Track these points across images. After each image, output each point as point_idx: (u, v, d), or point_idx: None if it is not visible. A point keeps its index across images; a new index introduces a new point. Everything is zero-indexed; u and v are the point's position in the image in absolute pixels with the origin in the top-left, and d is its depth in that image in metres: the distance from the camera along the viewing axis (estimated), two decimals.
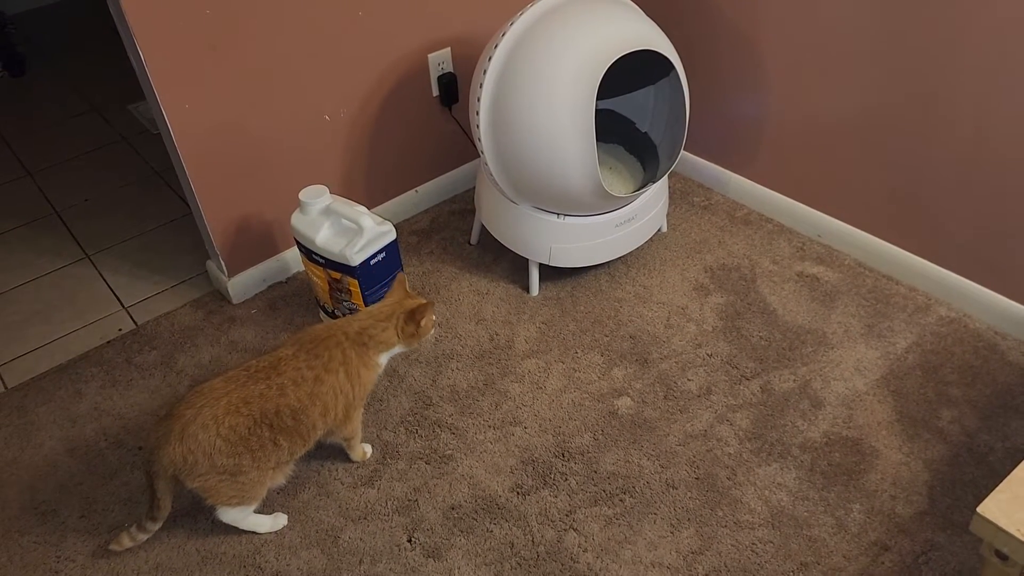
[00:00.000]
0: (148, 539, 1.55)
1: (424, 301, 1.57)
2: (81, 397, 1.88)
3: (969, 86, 1.69)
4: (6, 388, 1.93)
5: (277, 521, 1.57)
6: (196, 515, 1.58)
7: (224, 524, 1.54)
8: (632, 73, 1.89)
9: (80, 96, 3.17)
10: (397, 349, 1.57)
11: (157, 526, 1.52)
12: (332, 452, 1.69)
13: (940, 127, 1.78)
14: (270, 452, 1.45)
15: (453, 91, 2.24)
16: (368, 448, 1.70)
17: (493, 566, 1.49)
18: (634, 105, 2.11)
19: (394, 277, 1.89)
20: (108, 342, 2.02)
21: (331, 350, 1.50)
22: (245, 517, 1.54)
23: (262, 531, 1.56)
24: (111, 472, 1.70)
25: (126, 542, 1.52)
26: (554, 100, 1.70)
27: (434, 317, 1.60)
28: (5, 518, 1.63)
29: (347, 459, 1.68)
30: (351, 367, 1.51)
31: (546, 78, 1.70)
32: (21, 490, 1.68)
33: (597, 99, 1.68)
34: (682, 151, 1.93)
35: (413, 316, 1.54)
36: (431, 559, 1.51)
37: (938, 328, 1.88)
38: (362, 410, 1.62)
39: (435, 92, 2.23)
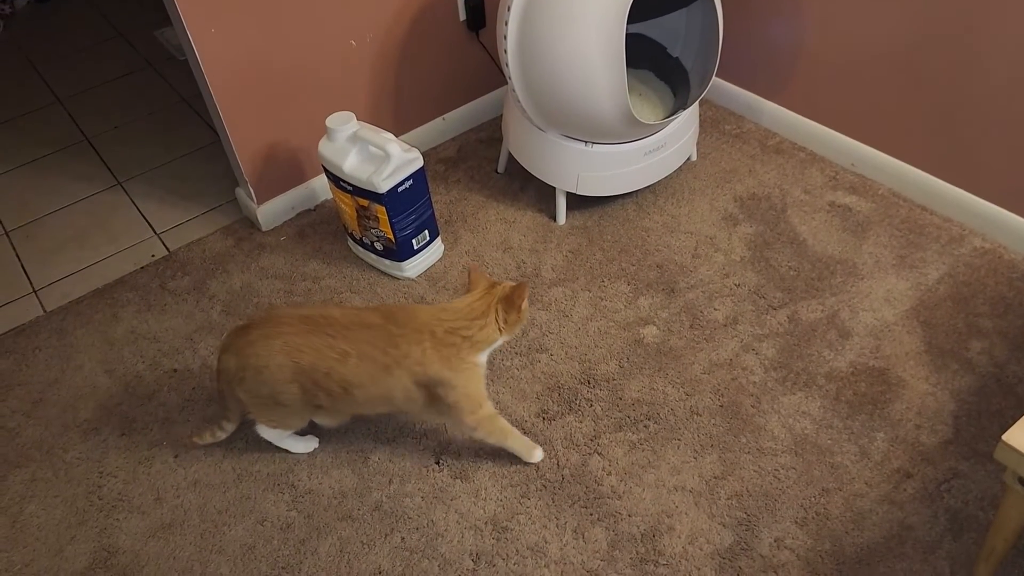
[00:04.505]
0: (205, 447, 1.62)
1: (513, 283, 1.44)
2: (118, 321, 1.92)
3: (1010, 11, 1.62)
4: (45, 311, 1.98)
5: (308, 444, 1.62)
6: (232, 434, 1.63)
7: (258, 444, 1.59)
8: None
9: (106, 21, 3.15)
10: (500, 342, 1.45)
11: (232, 427, 1.59)
12: None
13: (979, 53, 1.72)
14: (309, 401, 1.46)
15: (480, 15, 2.20)
16: (526, 445, 1.55)
17: (519, 487, 1.53)
18: (665, 29, 2.06)
19: (424, 201, 1.88)
20: (142, 267, 2.06)
21: (411, 346, 1.40)
22: (282, 437, 1.59)
23: (294, 451, 1.61)
24: (149, 393, 1.75)
25: (207, 437, 1.60)
26: (583, 24, 1.67)
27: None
28: (49, 435, 1.70)
29: None
30: (430, 367, 1.40)
31: (575, 1, 1.66)
32: (63, 409, 1.75)
33: (627, 22, 1.64)
34: (714, 77, 1.89)
35: (512, 302, 1.41)
36: (459, 480, 1.55)
37: (971, 259, 1.85)
38: (483, 410, 1.47)
39: (462, 16, 2.19)
